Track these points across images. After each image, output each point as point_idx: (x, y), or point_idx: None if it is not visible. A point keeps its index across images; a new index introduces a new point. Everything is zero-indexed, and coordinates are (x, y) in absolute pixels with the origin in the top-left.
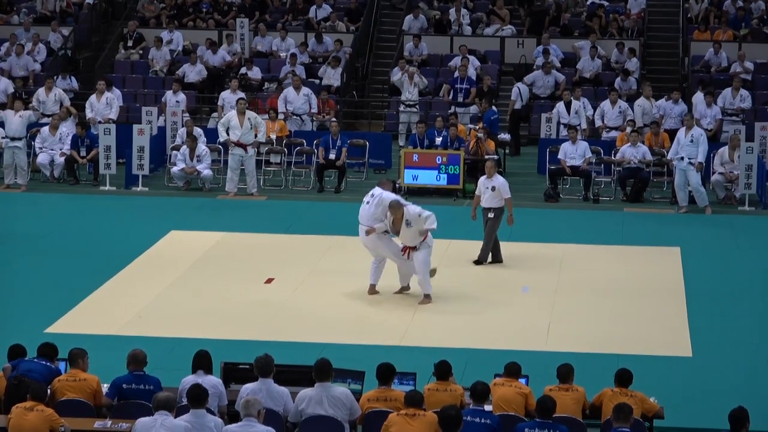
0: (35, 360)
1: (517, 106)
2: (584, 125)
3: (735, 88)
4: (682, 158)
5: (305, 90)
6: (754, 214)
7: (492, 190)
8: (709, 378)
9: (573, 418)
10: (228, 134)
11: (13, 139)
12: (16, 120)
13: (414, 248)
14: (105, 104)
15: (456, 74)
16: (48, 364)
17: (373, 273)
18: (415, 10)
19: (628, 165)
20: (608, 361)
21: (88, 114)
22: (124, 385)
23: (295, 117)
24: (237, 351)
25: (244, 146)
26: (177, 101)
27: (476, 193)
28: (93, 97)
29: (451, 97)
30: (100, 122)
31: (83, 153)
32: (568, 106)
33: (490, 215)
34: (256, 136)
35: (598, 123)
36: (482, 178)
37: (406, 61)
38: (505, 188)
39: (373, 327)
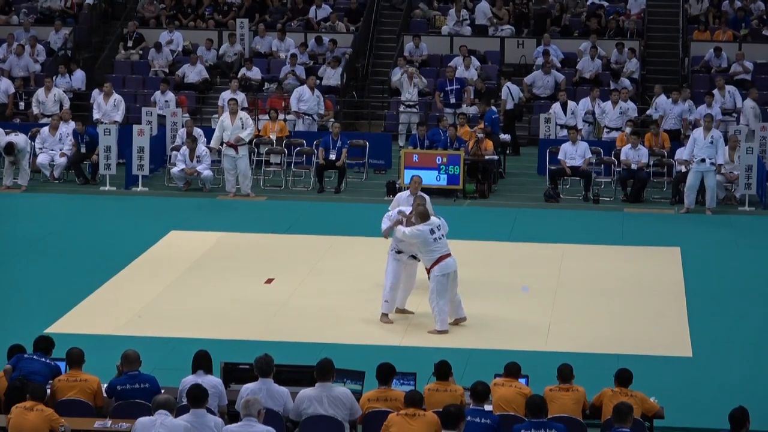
0: (34, 357)
1: (509, 105)
2: (578, 125)
3: (720, 87)
4: (703, 160)
5: (317, 92)
6: (754, 214)
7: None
8: (709, 378)
9: (573, 418)
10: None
11: None
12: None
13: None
14: (112, 106)
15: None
16: (47, 360)
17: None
18: (415, 39)
19: (626, 167)
20: (608, 361)
21: (95, 115)
22: (119, 387)
23: (307, 117)
24: (237, 351)
25: (234, 147)
26: (166, 101)
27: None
28: (100, 99)
29: (442, 98)
30: (103, 123)
31: (82, 150)
32: (564, 106)
33: None
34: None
35: (600, 120)
36: (405, 194)
37: (406, 61)
38: (428, 206)
39: (373, 327)
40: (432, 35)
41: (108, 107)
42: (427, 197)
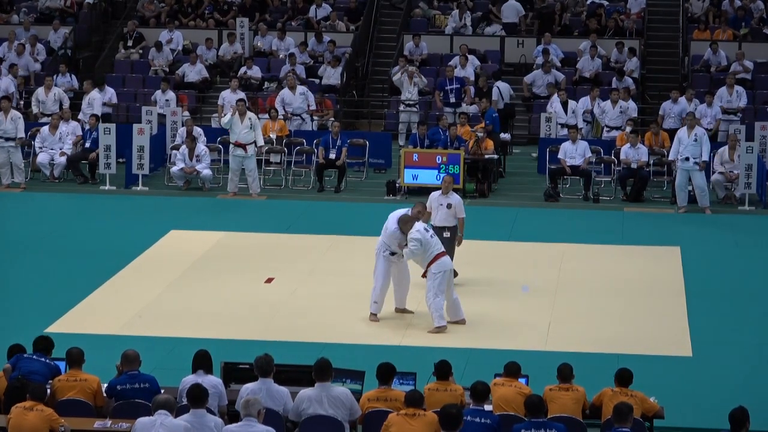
0: (34, 357)
1: (500, 105)
2: (578, 125)
3: (729, 86)
4: (687, 158)
5: (301, 89)
6: (754, 213)
7: (448, 207)
8: (709, 378)
9: (573, 418)
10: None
11: (6, 139)
12: (7, 120)
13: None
14: (87, 104)
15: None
16: (47, 360)
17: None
18: (415, 38)
19: (626, 166)
20: (608, 361)
21: (80, 115)
22: (119, 387)
23: (294, 117)
24: (237, 351)
25: (244, 146)
26: (166, 100)
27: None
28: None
29: (442, 97)
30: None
31: (88, 145)
32: (564, 105)
33: (446, 234)
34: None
35: (600, 119)
36: (436, 194)
37: (407, 61)
38: (461, 207)
39: (373, 327)
40: (432, 34)
41: (84, 104)
42: (457, 197)
